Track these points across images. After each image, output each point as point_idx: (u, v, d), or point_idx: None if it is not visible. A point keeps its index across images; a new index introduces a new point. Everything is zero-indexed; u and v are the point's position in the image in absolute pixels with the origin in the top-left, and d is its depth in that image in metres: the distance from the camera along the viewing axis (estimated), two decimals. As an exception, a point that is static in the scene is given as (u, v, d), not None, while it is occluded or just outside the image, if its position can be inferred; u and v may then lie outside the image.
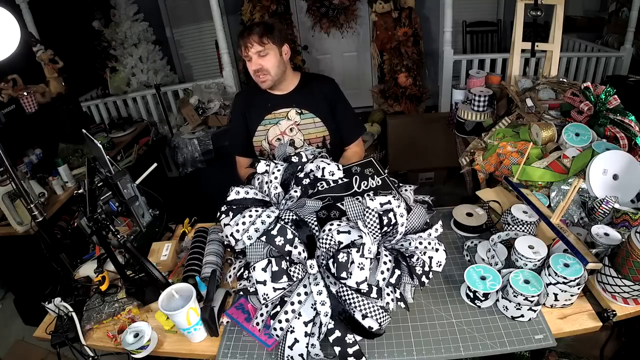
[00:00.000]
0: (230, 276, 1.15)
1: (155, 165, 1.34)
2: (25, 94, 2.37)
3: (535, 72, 2.56)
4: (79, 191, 1.14)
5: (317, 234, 1.05)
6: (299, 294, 0.95)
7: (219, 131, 3.03)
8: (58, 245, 1.30)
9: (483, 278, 1.02)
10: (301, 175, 1.22)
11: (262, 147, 1.60)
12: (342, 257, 0.93)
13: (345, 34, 4.01)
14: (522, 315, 0.97)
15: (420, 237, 1.05)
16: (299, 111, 1.54)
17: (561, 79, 1.77)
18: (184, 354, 1.05)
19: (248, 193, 1.16)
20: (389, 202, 1.02)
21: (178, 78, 4.33)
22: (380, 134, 3.53)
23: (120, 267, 1.19)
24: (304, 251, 1.02)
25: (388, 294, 0.97)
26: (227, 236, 1.09)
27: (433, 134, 3.08)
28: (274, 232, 1.02)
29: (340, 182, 1.25)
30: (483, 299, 1.02)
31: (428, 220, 1.14)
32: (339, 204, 1.17)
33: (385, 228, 1.00)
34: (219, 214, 1.17)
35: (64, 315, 1.12)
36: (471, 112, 1.93)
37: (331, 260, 0.96)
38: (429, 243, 1.04)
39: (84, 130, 1.23)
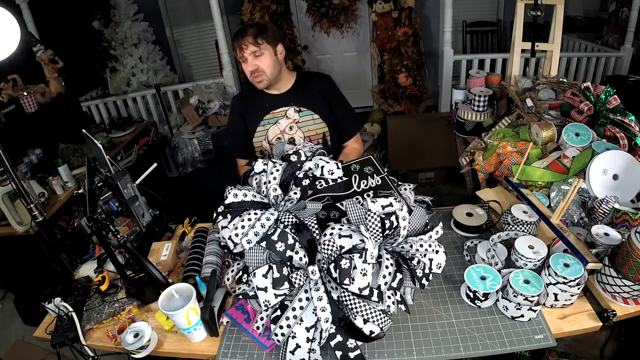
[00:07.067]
0: (228, 279, 1.13)
1: (155, 165, 1.34)
2: (25, 94, 2.36)
3: (535, 72, 2.56)
4: (79, 191, 1.14)
5: (317, 238, 1.03)
6: (300, 300, 0.94)
7: (219, 131, 3.03)
8: (58, 245, 1.30)
9: (483, 278, 1.02)
10: (300, 175, 1.20)
11: (262, 147, 1.60)
12: (344, 263, 0.91)
13: (345, 34, 4.01)
14: (522, 315, 0.97)
15: (421, 239, 1.04)
16: (298, 109, 1.55)
17: (561, 79, 1.76)
18: (184, 354, 1.05)
19: (246, 196, 1.12)
20: (391, 205, 1.01)
21: (178, 78, 4.33)
22: (380, 134, 3.53)
23: (120, 267, 1.19)
24: (305, 256, 0.99)
25: (389, 297, 0.96)
26: (224, 238, 1.07)
27: (433, 134, 3.08)
28: (275, 237, 0.99)
29: (339, 180, 1.24)
30: (483, 299, 1.02)
31: (428, 221, 1.13)
32: (338, 204, 1.16)
33: (387, 231, 0.99)
34: (215, 215, 1.14)
35: (64, 315, 1.12)
36: (471, 112, 1.93)
37: (332, 264, 0.94)
38: (430, 245, 1.02)
39: (84, 130, 1.23)
